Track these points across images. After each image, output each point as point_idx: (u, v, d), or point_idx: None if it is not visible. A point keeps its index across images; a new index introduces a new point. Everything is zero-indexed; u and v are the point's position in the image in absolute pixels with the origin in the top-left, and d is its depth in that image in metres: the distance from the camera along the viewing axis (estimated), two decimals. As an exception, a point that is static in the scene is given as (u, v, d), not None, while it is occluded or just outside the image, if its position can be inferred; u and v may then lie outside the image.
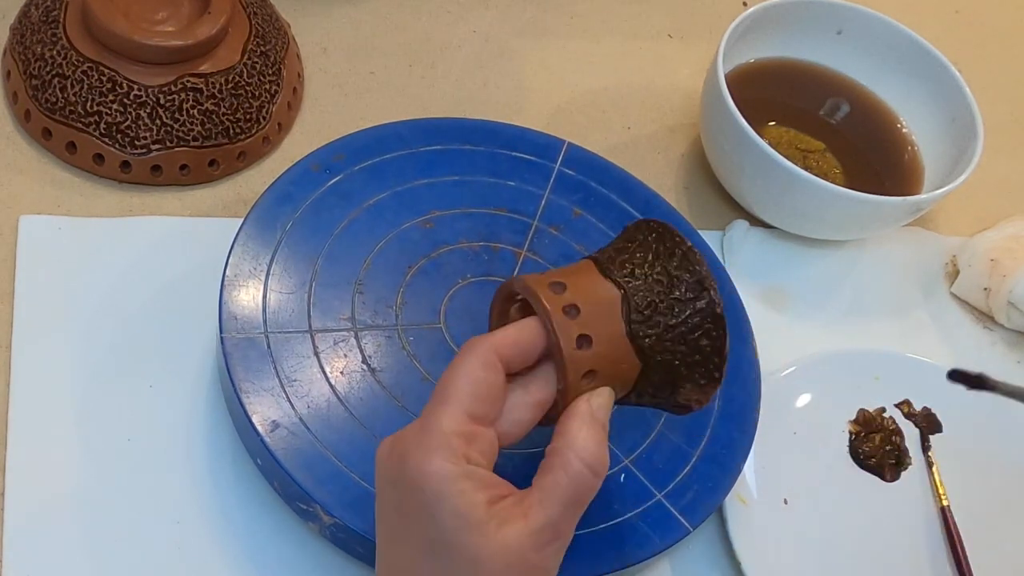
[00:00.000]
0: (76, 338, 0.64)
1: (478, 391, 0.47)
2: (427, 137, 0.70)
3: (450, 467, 0.45)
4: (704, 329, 0.50)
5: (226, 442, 0.62)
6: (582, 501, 0.47)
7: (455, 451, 0.45)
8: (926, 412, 0.72)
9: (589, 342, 0.49)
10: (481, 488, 0.45)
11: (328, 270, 0.63)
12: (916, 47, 0.80)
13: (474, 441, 0.47)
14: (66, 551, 0.58)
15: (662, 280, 0.51)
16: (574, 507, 0.47)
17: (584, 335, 0.49)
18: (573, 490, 0.46)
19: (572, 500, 0.47)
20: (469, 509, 0.45)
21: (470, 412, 0.47)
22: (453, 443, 0.46)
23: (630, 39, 0.88)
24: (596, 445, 0.47)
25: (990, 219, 0.82)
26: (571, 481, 0.46)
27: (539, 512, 0.46)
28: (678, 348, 0.50)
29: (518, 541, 0.45)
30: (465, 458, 0.46)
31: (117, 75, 0.68)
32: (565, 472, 0.47)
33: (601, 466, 0.47)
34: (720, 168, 0.78)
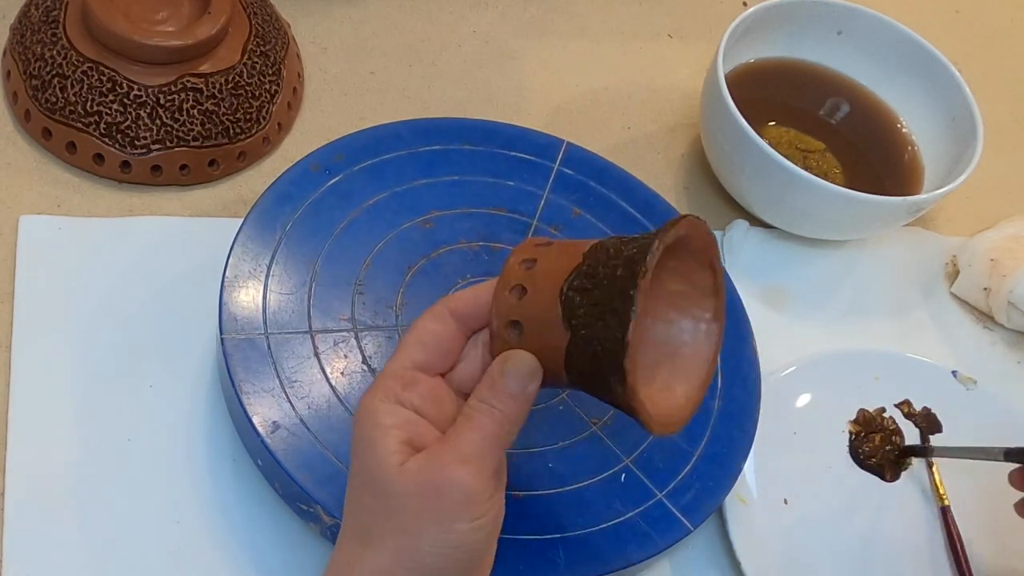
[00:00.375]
0: (76, 338, 0.64)
1: (423, 340, 0.49)
2: (427, 137, 0.70)
3: (378, 404, 0.48)
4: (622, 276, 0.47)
5: (226, 442, 0.62)
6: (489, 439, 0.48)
7: (388, 391, 0.48)
8: (926, 412, 0.72)
9: (522, 292, 0.49)
10: (401, 427, 0.47)
11: (328, 270, 0.63)
12: (916, 47, 0.80)
13: (412, 386, 0.49)
14: (66, 551, 0.58)
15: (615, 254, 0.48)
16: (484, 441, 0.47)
17: (520, 286, 0.49)
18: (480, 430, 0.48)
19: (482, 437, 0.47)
20: (381, 437, 0.47)
21: (413, 359, 0.49)
22: (388, 384, 0.48)
23: (630, 39, 0.88)
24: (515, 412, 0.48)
25: (990, 219, 0.82)
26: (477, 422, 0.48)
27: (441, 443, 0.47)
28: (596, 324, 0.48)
29: (416, 464, 0.46)
30: (396, 399, 0.48)
31: (117, 75, 0.68)
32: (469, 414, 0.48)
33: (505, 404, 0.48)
34: (720, 168, 0.78)
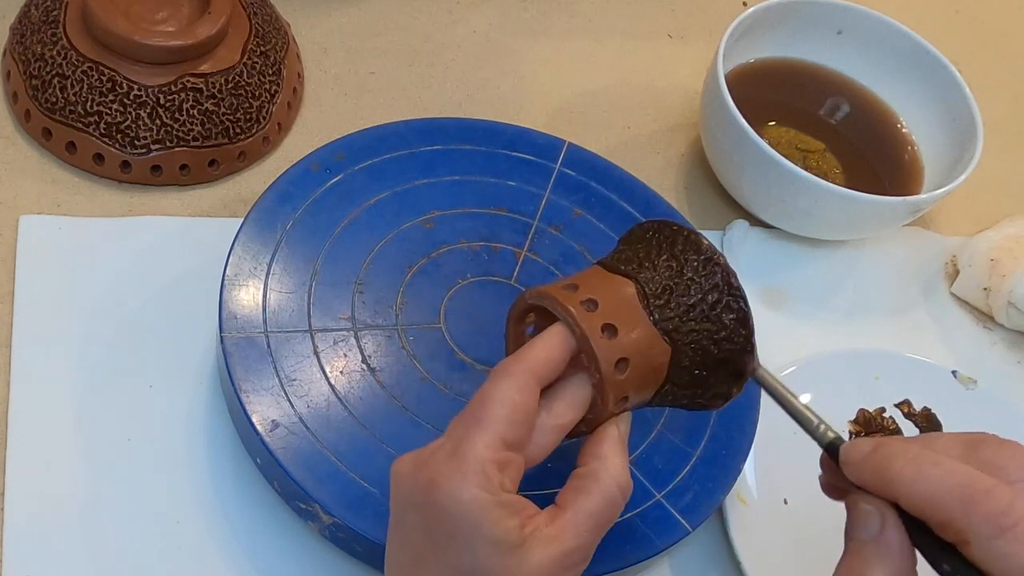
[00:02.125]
0: (76, 338, 0.64)
1: (514, 416, 0.46)
2: (427, 137, 0.70)
3: (486, 496, 0.44)
4: (724, 303, 0.50)
5: (226, 442, 0.62)
6: (610, 524, 0.47)
7: (490, 479, 0.45)
8: (926, 412, 0.72)
9: (615, 331, 0.48)
10: (514, 513, 0.45)
11: (328, 270, 0.63)
12: (916, 47, 0.80)
13: (507, 468, 0.46)
14: (66, 551, 0.58)
15: (671, 265, 0.51)
16: (604, 529, 0.47)
17: (609, 324, 0.48)
18: (608, 512, 0.47)
19: (604, 522, 0.47)
20: (505, 536, 0.44)
21: (504, 438, 0.45)
22: (488, 470, 0.45)
23: (630, 39, 0.88)
24: (626, 470, 0.48)
25: (990, 219, 0.82)
26: (606, 503, 0.47)
27: (572, 534, 0.45)
28: (703, 327, 0.50)
29: (550, 562, 0.45)
30: (500, 486, 0.45)
31: (117, 75, 0.68)
32: (603, 496, 0.47)
33: (630, 489, 0.48)
34: (720, 168, 0.78)
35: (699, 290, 0.50)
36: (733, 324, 0.51)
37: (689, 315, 0.50)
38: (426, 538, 0.46)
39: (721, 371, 0.51)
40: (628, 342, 0.49)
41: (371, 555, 0.56)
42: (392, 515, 0.48)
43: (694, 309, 0.50)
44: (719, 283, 0.51)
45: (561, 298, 0.49)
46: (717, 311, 0.50)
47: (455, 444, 0.46)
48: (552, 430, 0.48)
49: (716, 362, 0.51)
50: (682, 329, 0.50)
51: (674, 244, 0.51)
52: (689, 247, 0.51)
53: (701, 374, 0.51)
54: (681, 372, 0.51)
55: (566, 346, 0.48)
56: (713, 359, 0.51)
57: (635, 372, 0.49)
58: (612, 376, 0.48)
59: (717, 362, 0.51)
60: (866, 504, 0.45)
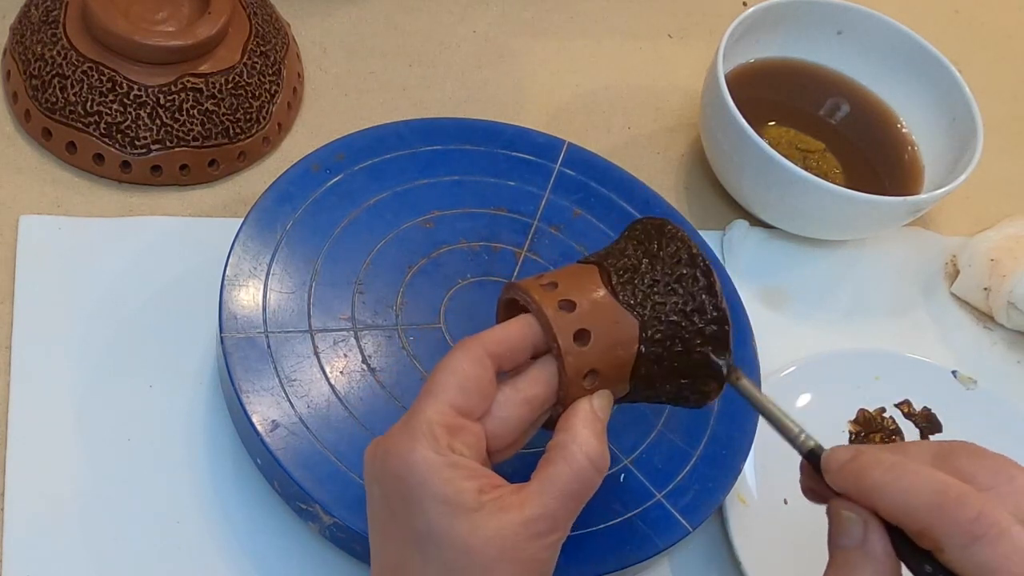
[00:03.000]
0: (76, 338, 0.64)
1: (463, 384, 0.47)
2: (427, 137, 0.70)
3: (432, 455, 0.45)
4: (692, 275, 0.50)
5: (226, 442, 0.62)
6: (582, 495, 0.47)
7: (438, 440, 0.45)
8: (926, 412, 0.72)
9: (572, 305, 0.49)
10: (469, 476, 0.45)
11: (328, 270, 0.63)
12: (916, 47, 0.80)
13: (459, 433, 0.46)
14: (66, 551, 0.58)
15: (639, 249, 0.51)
16: (573, 500, 0.47)
17: (566, 300, 0.49)
18: (575, 482, 0.46)
19: (572, 493, 0.46)
20: (456, 495, 0.44)
21: (454, 404, 0.46)
22: (436, 432, 0.45)
23: (630, 39, 0.88)
24: (599, 442, 0.48)
25: (990, 219, 0.82)
26: (573, 472, 0.46)
27: (536, 501, 0.45)
28: (670, 299, 0.50)
29: (512, 529, 0.44)
30: (449, 448, 0.45)
31: (117, 75, 0.68)
32: (567, 463, 0.46)
33: (603, 462, 0.47)
34: (720, 168, 0.78)
35: (664, 266, 0.50)
36: (702, 295, 0.50)
37: (654, 288, 0.50)
38: (385, 508, 0.46)
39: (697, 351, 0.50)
40: (586, 313, 0.49)
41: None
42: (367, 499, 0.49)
43: (659, 283, 0.50)
44: (684, 258, 0.50)
45: (524, 284, 0.50)
46: (685, 284, 0.50)
47: (407, 415, 0.47)
48: (517, 403, 0.48)
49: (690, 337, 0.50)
50: (647, 303, 0.50)
51: (647, 234, 0.52)
52: (659, 234, 0.51)
53: (676, 352, 0.50)
54: (655, 347, 0.50)
55: (526, 329, 0.49)
56: (686, 333, 0.50)
57: (599, 344, 0.49)
58: (572, 347, 0.48)
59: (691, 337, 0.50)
60: (848, 511, 0.45)
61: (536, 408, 0.49)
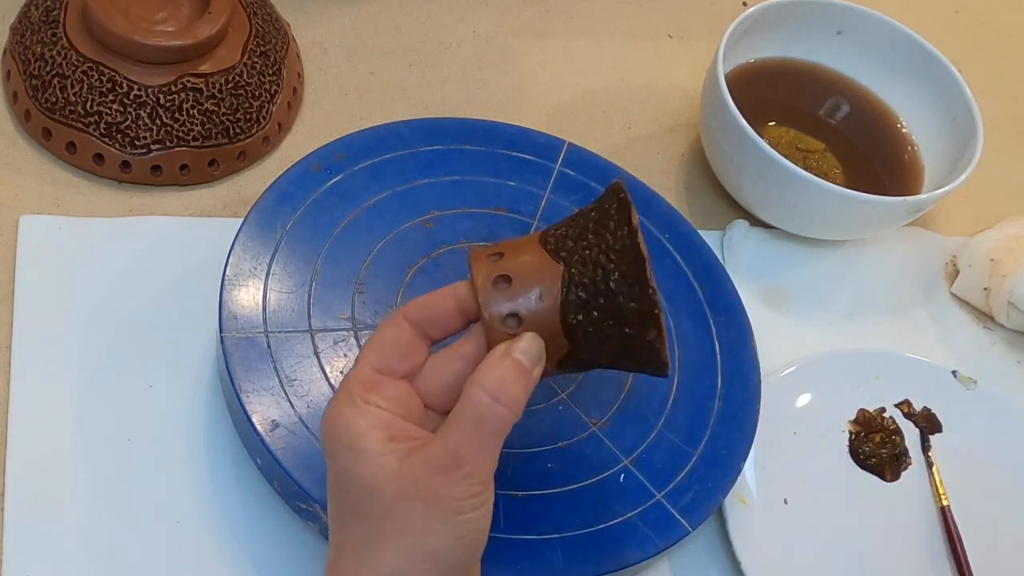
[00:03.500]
0: (76, 337, 0.64)
1: (379, 345, 0.49)
2: (427, 137, 0.70)
3: (346, 409, 0.47)
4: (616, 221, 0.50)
5: (226, 442, 0.62)
6: (487, 429, 0.47)
7: (352, 396, 0.48)
8: (926, 412, 0.72)
9: (500, 255, 0.50)
10: (378, 426, 0.47)
11: (328, 270, 0.63)
12: (916, 47, 0.80)
13: (375, 388, 0.48)
14: (66, 550, 0.58)
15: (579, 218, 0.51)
16: (477, 435, 0.47)
17: (503, 276, 0.49)
18: (474, 417, 0.47)
19: (473, 427, 0.47)
20: (361, 441, 0.46)
21: (371, 364, 0.49)
22: (352, 389, 0.48)
23: (630, 39, 0.88)
24: (503, 378, 0.47)
25: (990, 219, 0.82)
26: (471, 408, 0.47)
27: (437, 440, 0.47)
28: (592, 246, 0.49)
29: (412, 467, 0.46)
30: (363, 401, 0.47)
31: (117, 75, 0.68)
32: (466, 400, 0.47)
33: (508, 396, 0.47)
34: (720, 168, 0.78)
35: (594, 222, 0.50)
36: (623, 237, 0.49)
37: (581, 240, 0.50)
38: (328, 463, 0.49)
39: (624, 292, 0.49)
40: (511, 264, 0.49)
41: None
42: None
43: (586, 232, 0.50)
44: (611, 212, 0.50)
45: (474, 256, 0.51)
46: (608, 229, 0.50)
47: None
48: (449, 360, 0.50)
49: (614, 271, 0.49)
50: (574, 254, 0.50)
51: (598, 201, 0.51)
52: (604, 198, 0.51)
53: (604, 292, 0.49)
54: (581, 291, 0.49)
55: (448, 293, 0.50)
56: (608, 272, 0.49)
57: (520, 288, 0.49)
58: (489, 290, 0.49)
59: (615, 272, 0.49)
60: None
61: (468, 361, 0.49)
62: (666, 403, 0.63)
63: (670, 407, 0.63)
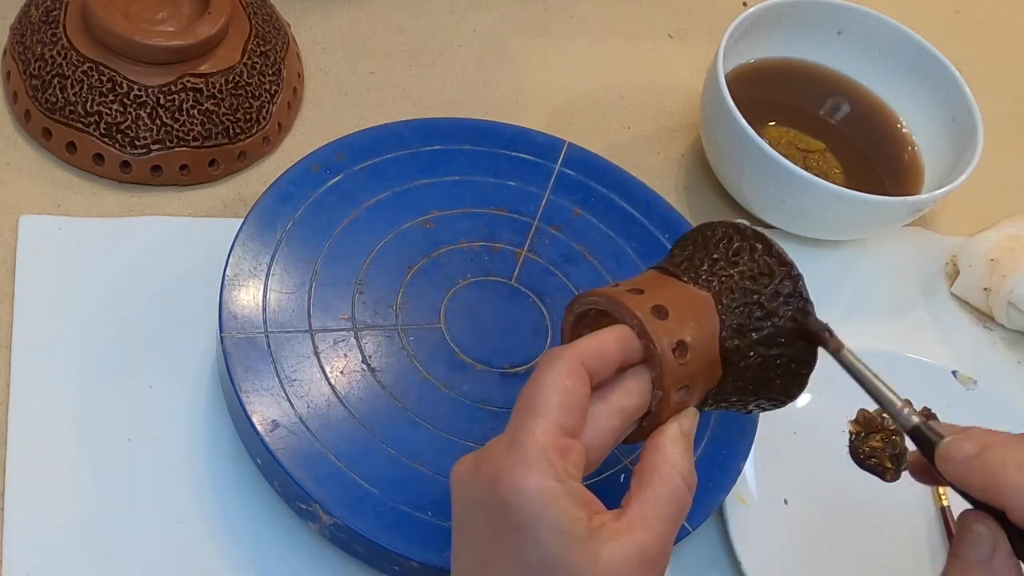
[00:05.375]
0: (76, 338, 0.64)
1: (567, 402, 0.44)
2: (427, 137, 0.70)
3: (550, 483, 0.43)
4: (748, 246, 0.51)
5: (226, 442, 0.62)
6: (680, 516, 0.46)
7: (553, 466, 0.43)
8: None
9: (685, 348, 0.48)
10: (581, 504, 0.44)
11: (328, 270, 0.63)
12: (916, 47, 0.80)
13: (568, 454, 0.44)
14: (66, 551, 0.58)
15: (748, 274, 0.51)
16: (675, 521, 0.45)
17: (681, 341, 0.47)
18: (674, 503, 0.45)
19: (673, 514, 0.45)
20: (572, 526, 0.43)
21: (561, 424, 0.44)
22: (550, 457, 0.43)
23: (630, 39, 0.88)
24: (689, 462, 0.47)
25: (990, 219, 0.82)
26: (672, 494, 0.45)
27: (641, 527, 0.44)
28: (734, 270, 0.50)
29: (625, 556, 0.43)
30: (565, 472, 0.44)
31: (117, 75, 0.68)
32: (665, 485, 0.45)
33: (693, 480, 0.46)
34: (720, 168, 0.78)
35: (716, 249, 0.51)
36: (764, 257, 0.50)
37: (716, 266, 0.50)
38: (491, 535, 0.44)
39: (780, 314, 0.50)
40: (658, 296, 0.48)
41: (371, 555, 0.56)
42: (455, 519, 0.47)
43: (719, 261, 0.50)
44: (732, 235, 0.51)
45: (607, 292, 0.49)
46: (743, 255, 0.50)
47: (512, 436, 0.44)
48: (609, 414, 0.47)
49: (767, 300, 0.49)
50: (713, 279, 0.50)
51: (751, 251, 0.51)
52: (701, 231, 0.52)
53: (757, 319, 0.49)
54: (734, 317, 0.49)
55: (621, 341, 0.47)
56: (761, 297, 0.49)
57: (696, 360, 0.48)
58: (670, 358, 0.47)
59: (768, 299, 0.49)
60: (980, 526, 0.44)
61: (628, 419, 0.47)
62: (666, 403, 0.63)
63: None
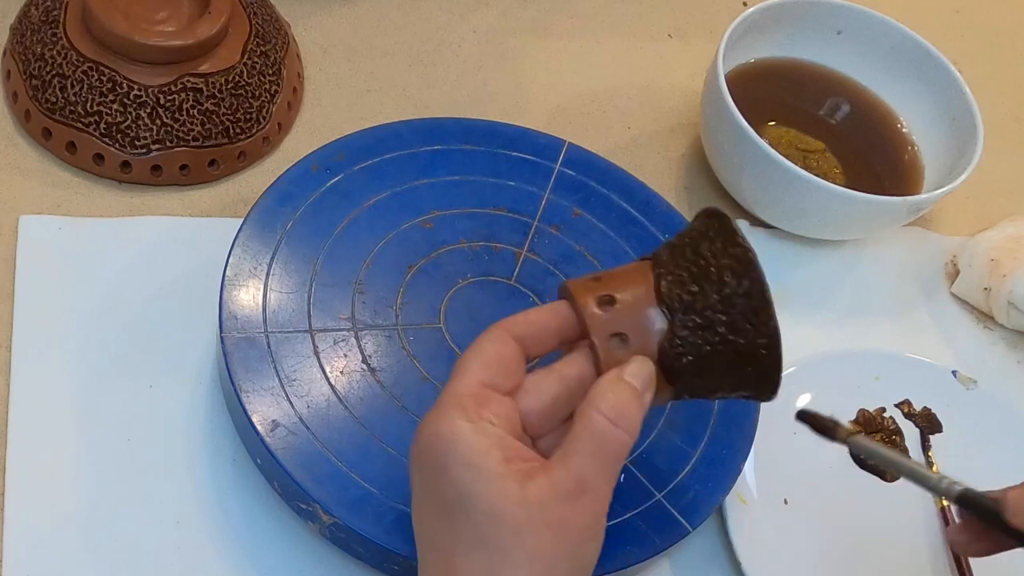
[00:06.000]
0: (76, 338, 0.64)
1: (486, 359, 0.47)
2: (427, 137, 0.70)
3: (460, 423, 0.45)
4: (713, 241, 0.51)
5: (226, 442, 0.62)
6: (609, 455, 0.46)
7: (465, 410, 0.46)
8: (926, 412, 0.72)
9: (612, 301, 0.49)
10: (496, 445, 0.45)
11: (328, 270, 0.63)
12: (916, 47, 0.80)
13: (487, 403, 0.46)
14: (66, 551, 0.58)
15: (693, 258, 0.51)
16: (599, 460, 0.46)
17: (607, 295, 0.49)
18: (595, 442, 0.46)
19: (595, 452, 0.46)
20: (483, 460, 0.44)
21: (480, 379, 0.47)
22: (464, 402, 0.46)
23: (630, 39, 0.88)
24: (621, 402, 0.47)
25: (990, 219, 0.82)
26: (591, 434, 0.46)
27: (560, 465, 0.45)
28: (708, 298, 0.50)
29: (539, 491, 0.44)
30: (478, 415, 0.46)
31: (117, 75, 0.68)
32: (585, 426, 0.46)
33: (626, 420, 0.46)
34: (720, 168, 0.78)
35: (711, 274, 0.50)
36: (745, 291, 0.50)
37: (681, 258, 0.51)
38: (421, 484, 0.47)
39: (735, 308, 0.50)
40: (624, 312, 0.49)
41: (371, 555, 0.56)
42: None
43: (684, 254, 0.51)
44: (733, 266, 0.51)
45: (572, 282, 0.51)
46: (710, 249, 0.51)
47: (438, 398, 0.48)
48: (548, 376, 0.49)
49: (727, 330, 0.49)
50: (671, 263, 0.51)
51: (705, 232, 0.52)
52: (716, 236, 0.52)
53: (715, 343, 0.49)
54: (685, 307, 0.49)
55: (550, 313, 0.50)
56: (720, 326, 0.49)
57: (626, 308, 0.49)
58: (607, 347, 0.48)
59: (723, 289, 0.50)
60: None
61: (567, 383, 0.48)
62: (666, 403, 0.64)
63: (670, 407, 0.63)
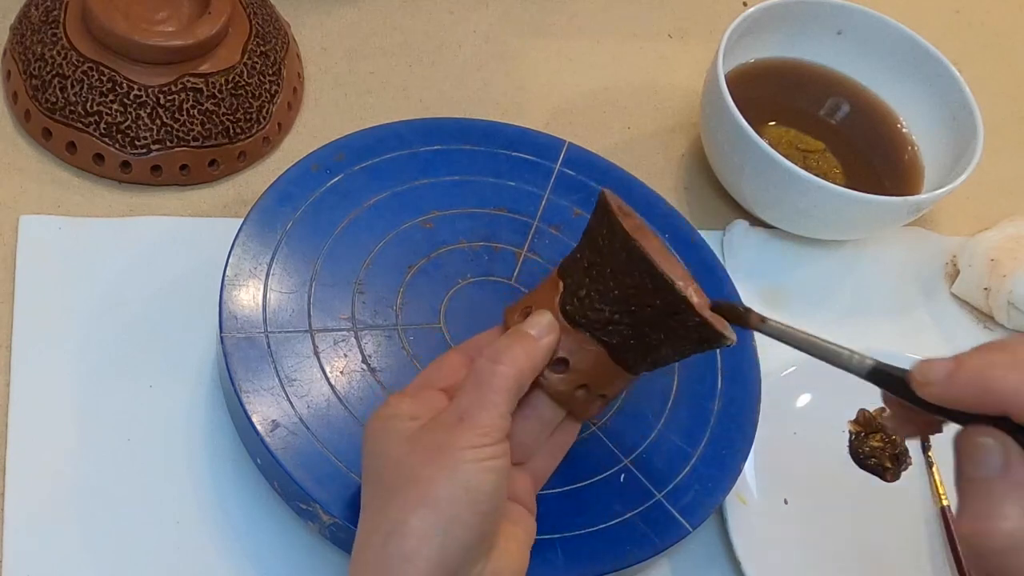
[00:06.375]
0: (76, 338, 0.64)
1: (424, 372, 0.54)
2: (427, 137, 0.70)
3: (383, 408, 0.51)
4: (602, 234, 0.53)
5: (226, 442, 0.62)
6: (486, 386, 0.49)
7: (395, 403, 0.51)
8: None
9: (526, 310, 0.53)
10: (411, 415, 0.50)
11: (328, 270, 0.63)
12: (916, 47, 0.80)
13: (416, 394, 0.52)
14: (66, 551, 0.58)
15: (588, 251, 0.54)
16: (476, 392, 0.49)
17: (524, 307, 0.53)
18: (474, 378, 0.50)
19: (473, 386, 0.49)
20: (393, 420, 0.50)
21: (413, 384, 0.53)
22: (394, 398, 0.51)
23: (630, 39, 0.88)
24: (503, 344, 0.50)
25: (990, 219, 0.82)
26: (473, 372, 0.50)
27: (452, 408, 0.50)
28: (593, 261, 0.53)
29: (423, 430, 0.49)
30: (399, 399, 0.51)
31: (117, 75, 0.68)
32: (470, 371, 0.50)
33: (505, 356, 0.50)
34: (720, 168, 0.78)
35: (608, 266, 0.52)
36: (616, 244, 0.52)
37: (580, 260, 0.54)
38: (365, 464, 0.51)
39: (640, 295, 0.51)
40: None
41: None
42: None
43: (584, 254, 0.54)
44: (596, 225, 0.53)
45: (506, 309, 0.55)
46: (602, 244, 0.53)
47: None
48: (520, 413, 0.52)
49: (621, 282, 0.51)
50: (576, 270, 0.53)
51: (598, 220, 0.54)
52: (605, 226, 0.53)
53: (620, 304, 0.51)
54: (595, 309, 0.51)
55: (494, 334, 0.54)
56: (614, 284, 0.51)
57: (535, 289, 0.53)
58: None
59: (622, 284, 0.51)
60: (985, 438, 0.42)
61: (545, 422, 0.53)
62: (666, 403, 0.64)
63: (670, 407, 0.63)
